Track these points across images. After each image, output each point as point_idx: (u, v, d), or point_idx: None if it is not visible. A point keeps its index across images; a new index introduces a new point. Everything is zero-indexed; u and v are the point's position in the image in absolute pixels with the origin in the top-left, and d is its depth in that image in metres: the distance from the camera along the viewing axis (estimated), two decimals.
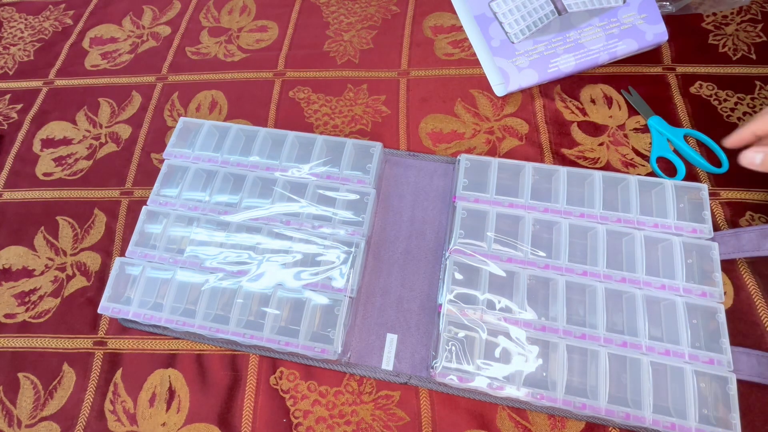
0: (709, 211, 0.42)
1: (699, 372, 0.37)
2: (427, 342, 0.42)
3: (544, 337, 0.39)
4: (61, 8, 0.70)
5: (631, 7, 0.51)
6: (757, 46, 0.54)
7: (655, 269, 0.41)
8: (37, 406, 0.43)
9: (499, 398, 0.39)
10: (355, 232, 0.44)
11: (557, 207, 0.43)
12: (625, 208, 0.43)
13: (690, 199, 0.43)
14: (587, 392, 0.37)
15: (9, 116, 0.60)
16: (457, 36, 0.59)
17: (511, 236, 0.43)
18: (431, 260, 0.45)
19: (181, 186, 0.48)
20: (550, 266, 0.41)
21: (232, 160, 0.49)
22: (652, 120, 0.49)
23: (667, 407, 0.37)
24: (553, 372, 0.38)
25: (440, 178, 0.49)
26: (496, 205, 0.44)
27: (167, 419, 0.42)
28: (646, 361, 0.37)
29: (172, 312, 0.42)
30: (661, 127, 0.49)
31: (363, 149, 0.48)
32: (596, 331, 0.38)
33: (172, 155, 0.50)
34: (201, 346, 0.44)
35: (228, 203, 0.47)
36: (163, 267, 0.44)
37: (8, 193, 0.54)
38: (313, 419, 0.40)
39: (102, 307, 0.43)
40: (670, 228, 0.42)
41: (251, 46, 0.62)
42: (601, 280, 0.40)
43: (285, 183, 0.47)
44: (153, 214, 0.47)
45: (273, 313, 0.41)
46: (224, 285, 0.43)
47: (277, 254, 0.43)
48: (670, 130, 0.48)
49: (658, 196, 0.44)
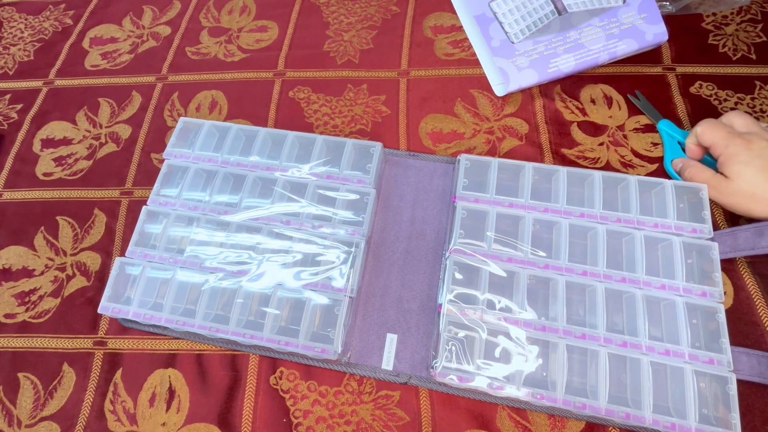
0: (708, 211, 0.42)
1: (699, 372, 0.37)
2: (427, 342, 0.42)
3: (544, 337, 0.39)
4: (61, 8, 0.70)
5: (631, 7, 0.51)
6: (757, 46, 0.54)
7: (655, 269, 0.41)
8: (37, 406, 0.43)
9: (499, 398, 0.39)
10: (355, 232, 0.44)
11: (557, 207, 0.43)
12: (625, 208, 0.43)
13: (690, 199, 0.43)
14: (587, 392, 0.37)
15: (9, 116, 0.60)
16: (457, 36, 0.59)
17: (511, 236, 0.42)
18: (431, 260, 0.45)
19: (181, 186, 0.48)
20: (550, 266, 0.41)
21: (232, 160, 0.49)
22: (662, 124, 0.49)
23: (667, 407, 0.37)
24: (553, 372, 0.38)
25: (440, 178, 0.49)
26: (496, 205, 0.44)
27: (167, 419, 0.42)
28: (646, 361, 0.37)
29: (172, 312, 0.42)
30: (672, 130, 0.48)
31: (363, 149, 0.48)
32: (596, 331, 0.38)
33: (172, 155, 0.50)
34: (201, 346, 0.44)
35: (228, 203, 0.47)
36: (163, 267, 0.44)
37: (8, 193, 0.54)
38: (313, 419, 0.40)
39: (102, 307, 0.43)
40: (670, 228, 0.42)
41: (251, 46, 0.62)
42: (601, 280, 0.40)
43: (285, 183, 0.47)
44: (153, 214, 0.47)
45: (273, 313, 0.41)
46: (224, 285, 0.43)
47: (277, 254, 0.43)
48: (681, 133, 0.48)
49: (658, 196, 0.44)
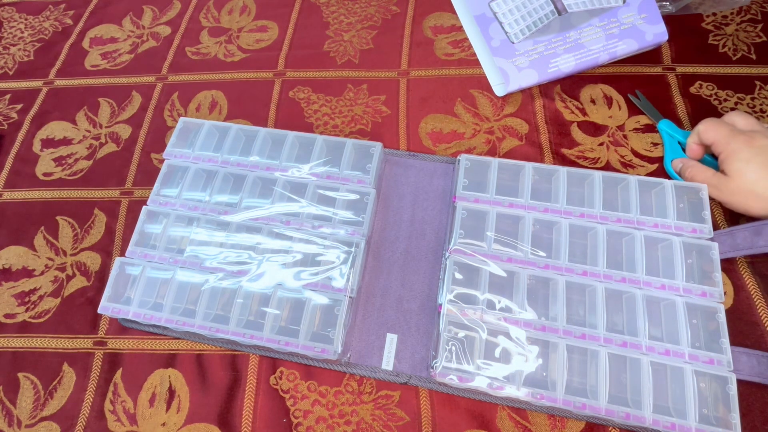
0: (708, 211, 0.42)
1: (699, 372, 0.37)
2: (427, 342, 0.42)
3: (544, 337, 0.39)
4: (61, 8, 0.70)
5: (631, 7, 0.51)
6: (757, 46, 0.54)
7: (655, 269, 0.41)
8: (37, 406, 0.43)
9: (499, 398, 0.39)
10: (355, 232, 0.44)
11: (557, 207, 0.43)
12: (625, 208, 0.43)
13: (690, 199, 0.43)
14: (587, 392, 0.37)
15: (9, 116, 0.60)
16: (457, 36, 0.59)
17: (511, 236, 0.43)
18: (431, 260, 0.45)
19: (181, 186, 0.48)
20: (550, 266, 0.41)
21: (232, 160, 0.49)
22: (662, 123, 0.49)
23: (667, 407, 0.37)
24: (553, 372, 0.38)
25: (440, 178, 0.49)
26: (496, 205, 0.44)
27: (167, 419, 0.42)
28: (646, 361, 0.37)
29: (172, 312, 0.42)
30: (672, 130, 0.48)
31: (363, 149, 0.48)
32: (596, 331, 0.39)
33: (172, 155, 0.50)
34: (201, 346, 0.44)
35: (228, 203, 0.47)
36: (163, 267, 0.44)
37: (8, 193, 0.54)
38: (313, 419, 0.40)
39: (102, 306, 0.43)
40: (670, 228, 0.42)
41: (251, 46, 0.62)
42: (601, 280, 0.40)
43: (285, 183, 0.47)
44: (153, 214, 0.47)
45: (273, 313, 0.41)
46: (224, 285, 0.43)
47: (277, 254, 0.43)
48: (681, 133, 0.48)
49: (658, 197, 0.44)
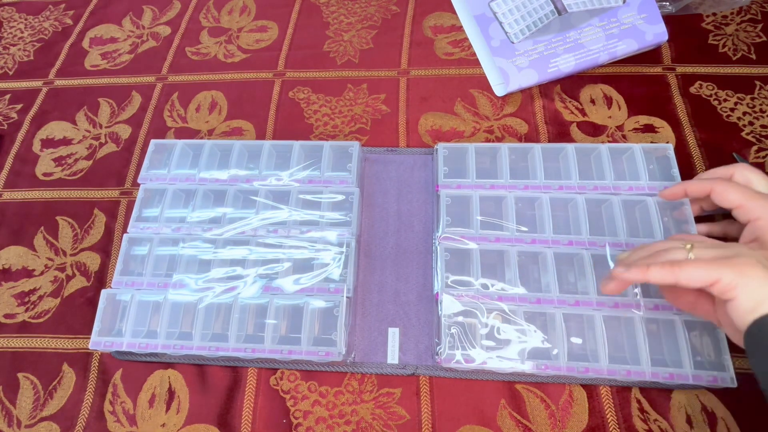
0: (677, 168, 0.44)
1: (689, 322, 0.38)
2: (429, 331, 0.43)
3: (541, 309, 0.40)
4: (61, 8, 0.70)
5: (631, 7, 0.51)
6: (757, 46, 0.54)
7: (635, 231, 0.42)
8: (36, 406, 0.43)
9: (506, 375, 0.40)
10: (344, 232, 0.44)
11: (536, 183, 0.45)
12: (600, 175, 0.45)
13: (657, 159, 0.45)
14: (588, 356, 0.38)
15: (9, 116, 0.60)
16: (457, 36, 0.59)
17: (496, 217, 0.44)
18: (422, 251, 0.46)
19: (161, 208, 0.47)
20: (537, 241, 0.42)
21: (210, 176, 0.48)
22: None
23: (664, 359, 0.38)
24: (554, 341, 0.39)
25: (420, 169, 0.50)
26: (478, 189, 0.45)
27: (167, 420, 0.41)
28: (638, 318, 0.39)
29: (167, 337, 0.41)
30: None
31: (341, 150, 0.48)
32: (588, 297, 0.40)
33: (147, 179, 0.49)
34: None
35: (212, 220, 0.46)
36: (153, 292, 0.43)
37: (8, 193, 0.54)
38: (313, 419, 0.40)
39: (93, 342, 0.42)
40: (644, 189, 0.44)
41: (251, 47, 0.62)
42: (586, 248, 0.42)
43: (267, 193, 0.46)
44: (136, 241, 0.46)
45: (272, 324, 0.41)
46: (218, 302, 0.42)
47: (268, 264, 0.43)
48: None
49: (629, 161, 0.45)
